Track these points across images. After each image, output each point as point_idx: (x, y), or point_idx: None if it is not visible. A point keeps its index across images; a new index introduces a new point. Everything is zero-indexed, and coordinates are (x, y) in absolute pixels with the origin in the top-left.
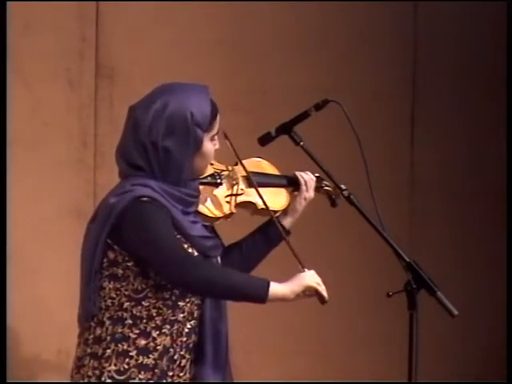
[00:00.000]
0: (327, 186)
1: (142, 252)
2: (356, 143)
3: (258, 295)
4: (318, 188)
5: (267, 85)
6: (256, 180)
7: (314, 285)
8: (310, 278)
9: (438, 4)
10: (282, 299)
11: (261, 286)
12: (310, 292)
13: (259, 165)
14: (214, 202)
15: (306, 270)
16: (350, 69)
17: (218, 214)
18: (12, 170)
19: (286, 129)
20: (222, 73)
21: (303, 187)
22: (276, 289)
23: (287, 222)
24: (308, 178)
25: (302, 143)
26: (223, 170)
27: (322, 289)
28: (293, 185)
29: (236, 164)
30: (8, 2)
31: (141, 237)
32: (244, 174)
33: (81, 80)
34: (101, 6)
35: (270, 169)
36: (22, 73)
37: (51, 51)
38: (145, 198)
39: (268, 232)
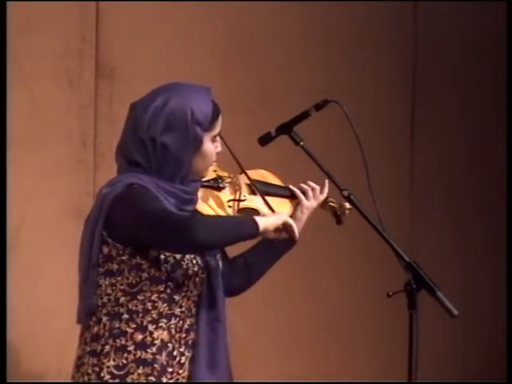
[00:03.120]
0: (332, 202)
1: (139, 231)
2: (356, 143)
3: (253, 232)
4: (323, 204)
5: (267, 85)
6: (259, 188)
7: (291, 221)
8: (286, 216)
9: (438, 4)
10: (265, 229)
11: (252, 224)
12: (286, 228)
13: (263, 175)
14: (217, 206)
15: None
16: (350, 69)
17: None
18: (12, 171)
19: (286, 129)
20: (221, 73)
21: (301, 197)
22: (262, 221)
23: None
24: (309, 188)
25: (302, 143)
26: (226, 176)
27: (295, 228)
28: (296, 196)
29: (240, 173)
30: (8, 2)
31: (134, 215)
32: (247, 181)
33: (81, 80)
34: (101, 6)
35: (274, 180)
36: (22, 73)
37: (51, 51)
38: (136, 185)
39: (272, 242)
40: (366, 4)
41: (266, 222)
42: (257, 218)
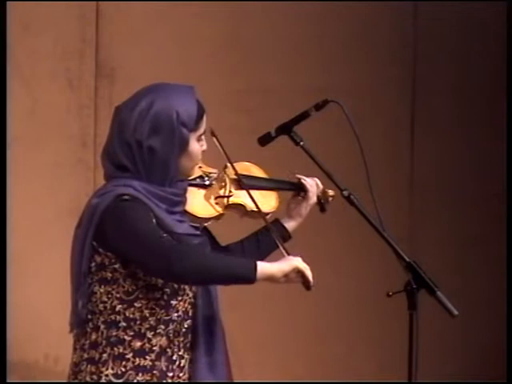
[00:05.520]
0: None
1: (126, 250)
2: (356, 143)
3: (247, 276)
4: None
5: (267, 85)
6: (246, 182)
7: (302, 267)
8: (298, 261)
9: (438, 4)
10: (271, 278)
11: (249, 267)
12: (298, 275)
13: (248, 168)
14: (204, 203)
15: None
16: (350, 69)
17: (207, 214)
18: (12, 170)
19: (286, 129)
20: (221, 73)
21: (310, 192)
22: (264, 267)
23: (290, 225)
24: (314, 183)
25: (302, 143)
26: (212, 173)
27: (309, 274)
28: (287, 189)
29: (225, 167)
30: (8, 2)
31: (123, 234)
32: (233, 176)
33: (81, 80)
34: (101, 6)
35: (259, 173)
36: (22, 73)
37: (51, 51)
38: (126, 197)
39: (268, 235)
40: (365, 4)
41: (270, 270)
42: (259, 264)
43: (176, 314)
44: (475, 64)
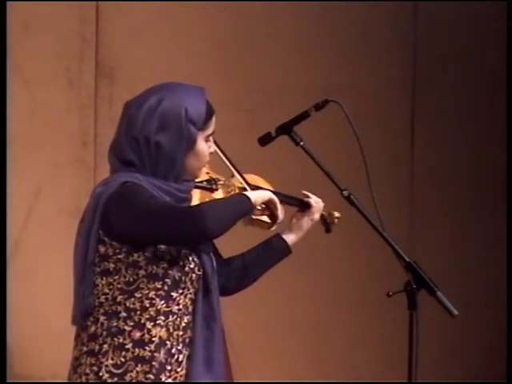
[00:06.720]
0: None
1: (141, 229)
2: (356, 143)
3: (249, 208)
4: None
5: (267, 85)
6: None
7: (275, 198)
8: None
9: (438, 4)
10: (253, 203)
11: (246, 201)
12: (270, 205)
13: (255, 180)
14: None
15: None
16: (351, 69)
17: None
18: (12, 170)
19: (286, 129)
20: (221, 72)
21: (313, 208)
22: (250, 194)
23: (290, 239)
24: (319, 201)
25: (302, 143)
26: (219, 179)
27: (280, 208)
28: (292, 203)
29: (232, 176)
30: (8, 2)
31: (133, 214)
32: (239, 184)
33: (81, 80)
34: (101, 6)
35: (265, 185)
36: (22, 73)
37: (51, 51)
38: (129, 183)
39: (272, 245)
40: (366, 4)
41: (255, 196)
42: (246, 193)
43: (176, 307)
44: (475, 64)
